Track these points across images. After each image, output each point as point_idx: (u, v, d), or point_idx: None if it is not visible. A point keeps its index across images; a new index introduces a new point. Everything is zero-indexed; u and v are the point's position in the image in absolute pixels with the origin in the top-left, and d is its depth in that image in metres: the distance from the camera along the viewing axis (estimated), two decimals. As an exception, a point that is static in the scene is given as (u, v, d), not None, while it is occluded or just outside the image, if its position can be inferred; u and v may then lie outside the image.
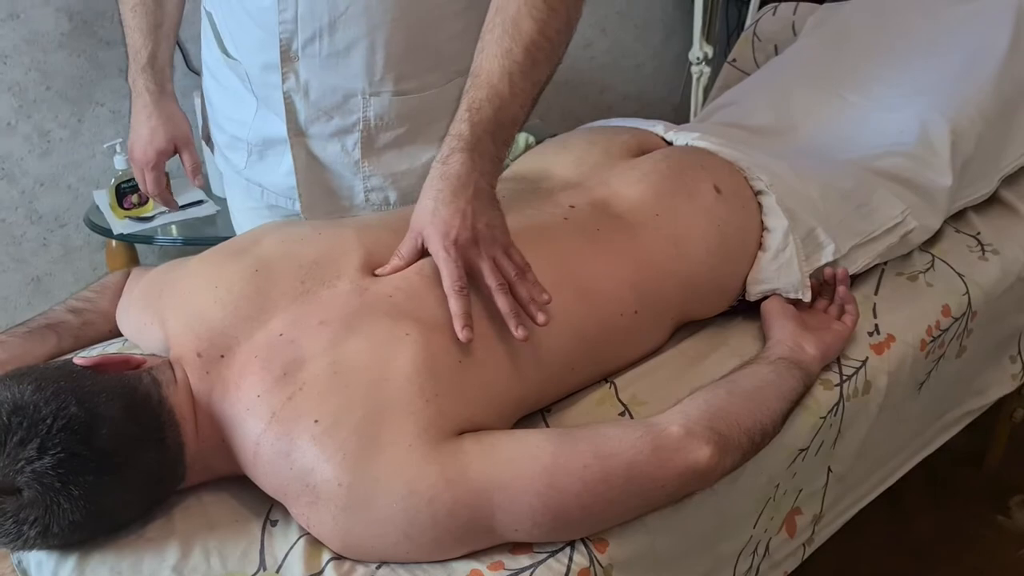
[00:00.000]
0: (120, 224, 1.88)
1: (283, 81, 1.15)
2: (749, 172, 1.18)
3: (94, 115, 1.98)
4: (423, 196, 0.92)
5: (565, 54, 0.98)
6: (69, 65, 1.91)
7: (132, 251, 1.98)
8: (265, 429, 0.82)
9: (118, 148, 1.86)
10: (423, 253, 0.93)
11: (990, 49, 1.47)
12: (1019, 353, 1.44)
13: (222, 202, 1.98)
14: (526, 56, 0.92)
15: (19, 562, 0.86)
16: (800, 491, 1.09)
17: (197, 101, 1.96)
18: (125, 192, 1.87)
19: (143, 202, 1.90)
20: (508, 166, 1.30)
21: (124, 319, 1.09)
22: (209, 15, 1.26)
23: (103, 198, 1.95)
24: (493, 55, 0.92)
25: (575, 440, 0.84)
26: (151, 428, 0.83)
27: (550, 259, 1.00)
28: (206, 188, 2.03)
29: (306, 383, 0.83)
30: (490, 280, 0.89)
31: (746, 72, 1.83)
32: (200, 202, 1.98)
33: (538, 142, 2.22)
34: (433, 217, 0.90)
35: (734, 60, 1.89)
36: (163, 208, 1.93)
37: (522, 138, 2.13)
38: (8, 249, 1.97)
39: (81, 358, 0.86)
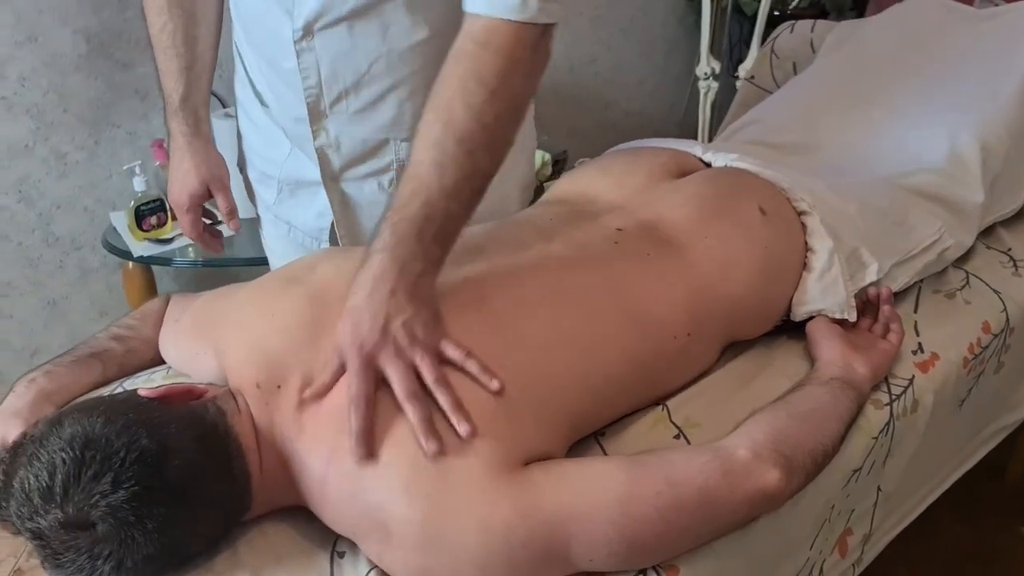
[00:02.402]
0: (139, 246, 1.86)
1: (314, 137, 1.15)
2: (791, 193, 1.19)
3: (110, 137, 1.97)
4: (347, 303, 0.86)
5: (520, 124, 0.89)
6: (86, 87, 1.90)
7: (149, 273, 1.96)
8: (329, 462, 0.82)
9: (137, 170, 1.85)
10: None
11: (1013, 66, 1.49)
12: (1051, 367, 1.45)
13: (242, 223, 1.98)
14: (458, 147, 0.83)
15: (86, 599, 0.84)
16: (852, 511, 1.09)
17: (215, 123, 1.95)
18: (144, 214, 1.86)
19: (162, 224, 1.89)
20: (542, 187, 1.30)
21: (171, 348, 1.08)
22: (242, 59, 1.24)
23: (121, 220, 1.93)
24: (424, 145, 0.85)
25: (645, 467, 0.84)
26: (220, 458, 0.82)
27: (604, 284, 1.00)
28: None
29: (370, 413, 0.83)
30: (397, 389, 0.82)
31: (765, 89, 1.84)
32: (218, 223, 1.96)
33: (554, 159, 2.23)
34: (344, 325, 0.84)
35: (752, 77, 1.90)
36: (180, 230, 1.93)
37: (539, 156, 2.13)
38: (25, 272, 1.95)
39: (146, 389, 0.85)
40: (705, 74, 2.66)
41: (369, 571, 0.83)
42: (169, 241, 1.89)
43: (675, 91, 3.00)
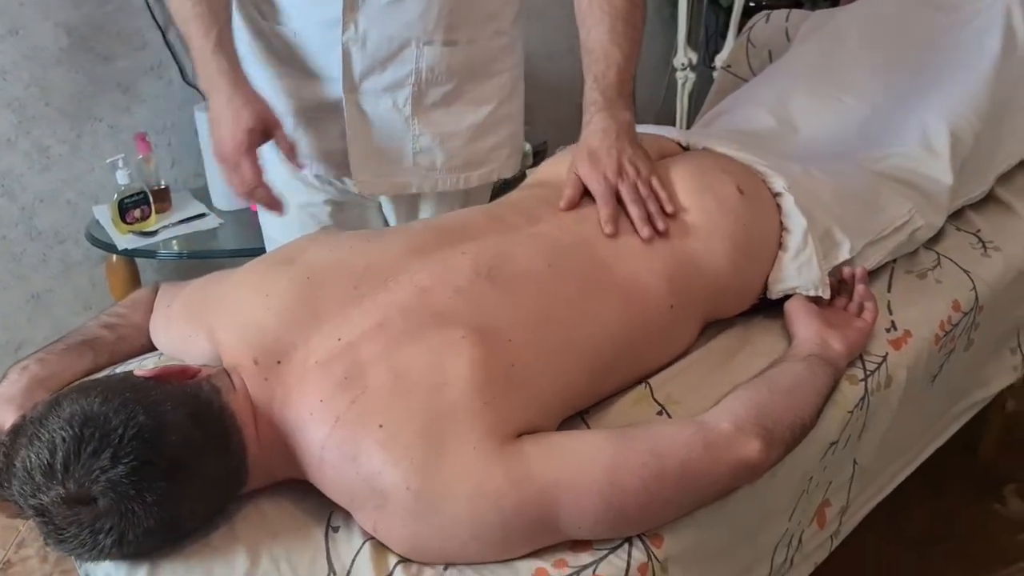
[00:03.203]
0: (123, 239, 1.87)
1: (343, 31, 1.18)
2: (767, 174, 1.22)
3: (92, 130, 1.98)
4: (579, 150, 1.14)
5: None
6: (67, 81, 1.91)
7: (133, 266, 1.97)
8: (330, 433, 0.84)
9: (120, 163, 1.86)
10: (583, 191, 1.12)
11: (982, 53, 1.53)
12: (1019, 345, 1.50)
13: (226, 215, 2.00)
14: (626, 25, 1.15)
15: (86, 574, 0.86)
16: (830, 483, 1.12)
17: (199, 115, 1.97)
18: (127, 207, 1.87)
19: (145, 217, 1.90)
20: (523, 174, 1.34)
21: (162, 333, 1.09)
22: None
23: (104, 213, 1.94)
24: (600, 33, 1.15)
25: (631, 439, 0.87)
26: (215, 433, 0.84)
27: (590, 260, 1.04)
28: (207, 202, 2.04)
29: (368, 387, 0.85)
30: (626, 197, 1.09)
31: (742, 78, 1.88)
32: (202, 215, 1.98)
33: (534, 149, 2.26)
34: (590, 160, 1.11)
35: (729, 66, 1.94)
36: (166, 222, 1.94)
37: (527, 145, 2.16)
38: (8, 266, 1.96)
39: (141, 369, 0.87)
40: (682, 65, 2.69)
41: (363, 543, 0.86)
42: (153, 234, 1.90)
43: (653, 82, 3.04)
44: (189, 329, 1.02)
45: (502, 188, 1.50)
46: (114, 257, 1.95)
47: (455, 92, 1.26)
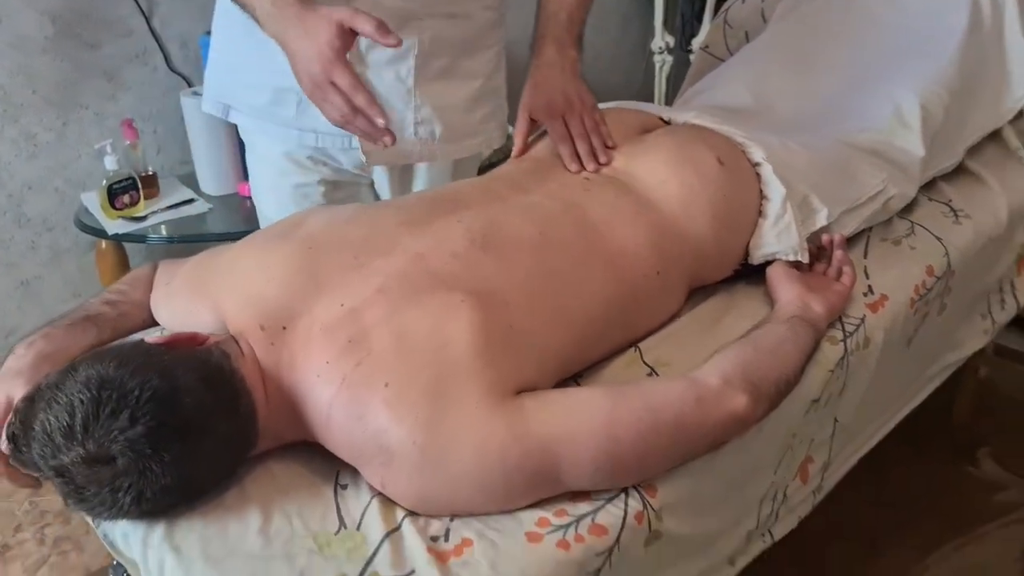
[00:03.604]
0: (113, 224, 1.89)
1: (350, 3, 1.16)
2: (746, 145, 1.27)
3: (78, 118, 1.99)
4: (528, 82, 1.25)
5: None
6: (53, 69, 1.92)
7: (122, 252, 1.99)
8: (336, 393, 0.87)
9: (108, 149, 1.87)
10: (532, 127, 1.26)
11: (951, 29, 1.59)
12: (989, 311, 1.56)
13: (213, 200, 2.02)
14: None
15: (104, 535, 0.89)
16: (812, 440, 1.17)
17: (185, 100, 1.98)
18: (116, 192, 1.88)
19: (134, 202, 1.92)
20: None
21: (164, 309, 1.12)
22: None
23: (92, 200, 1.95)
24: None
25: (626, 395, 0.91)
26: (226, 396, 0.87)
27: (579, 228, 1.08)
28: (195, 188, 2.06)
29: (372, 349, 0.89)
30: (574, 130, 1.21)
31: (719, 58, 1.92)
32: (191, 200, 2.00)
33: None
34: (533, 97, 1.23)
35: (707, 47, 1.98)
36: (155, 207, 1.96)
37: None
38: (-3, 254, 1.97)
39: (152, 337, 0.90)
40: (660, 48, 2.74)
41: (371, 499, 0.89)
42: (142, 219, 1.92)
43: (630, 66, 3.08)
44: (193, 302, 1.04)
45: (488, 166, 1.54)
46: (103, 243, 1.96)
47: (452, 65, 1.29)
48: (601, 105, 1.43)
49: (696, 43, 2.64)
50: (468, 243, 1.01)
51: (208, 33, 1.99)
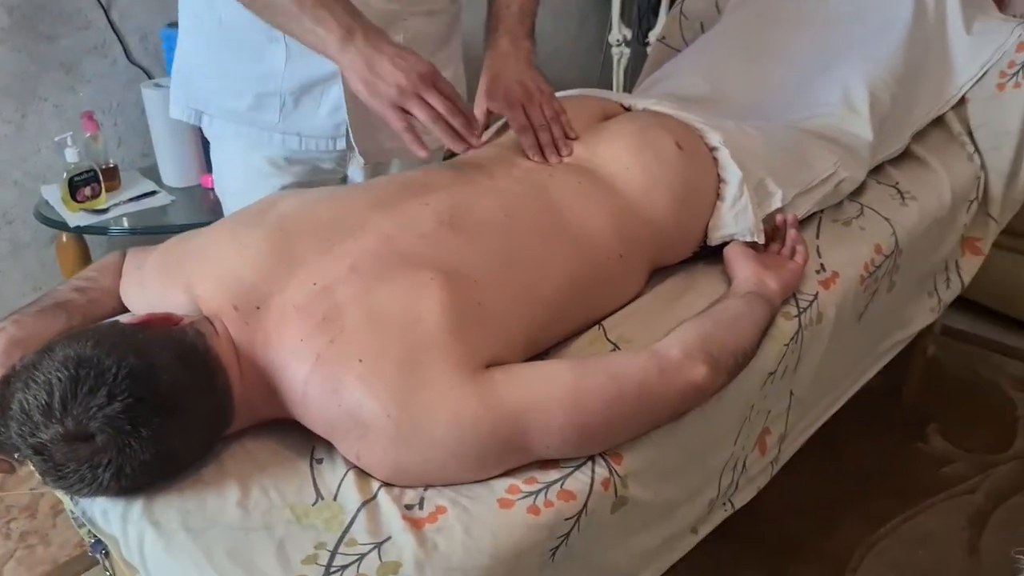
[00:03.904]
0: (75, 217, 1.88)
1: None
2: (703, 131, 1.31)
3: (37, 110, 1.97)
4: (485, 73, 1.26)
5: None
6: (10, 61, 1.90)
7: (83, 244, 1.98)
8: (312, 370, 0.90)
9: (69, 141, 1.87)
10: (488, 115, 1.27)
11: (896, 21, 1.65)
12: (935, 289, 1.63)
13: (176, 191, 2.02)
14: None
15: (82, 512, 0.90)
16: (769, 412, 1.22)
17: (147, 92, 1.98)
18: (78, 185, 1.88)
19: (96, 195, 1.91)
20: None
21: (136, 293, 1.13)
22: None
23: (53, 192, 1.94)
24: None
25: (591, 366, 0.95)
26: (201, 374, 0.89)
27: (545, 211, 1.11)
28: (157, 180, 2.05)
29: (345, 327, 0.91)
30: (535, 121, 1.23)
31: (676, 49, 1.97)
32: (153, 192, 2.00)
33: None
34: (491, 86, 1.24)
35: (663, 38, 2.03)
36: (116, 200, 1.95)
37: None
38: (-44, 248, 1.95)
39: (128, 317, 0.92)
40: (617, 41, 2.78)
41: (347, 472, 0.92)
42: (104, 211, 1.91)
43: (588, 59, 3.12)
44: (165, 286, 1.05)
45: (451, 155, 1.57)
46: (64, 236, 1.95)
47: (430, 59, 1.31)
48: (562, 93, 1.47)
49: (653, 35, 2.69)
50: (436, 224, 1.04)
51: (170, 25, 2.01)
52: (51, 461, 0.83)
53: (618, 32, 2.78)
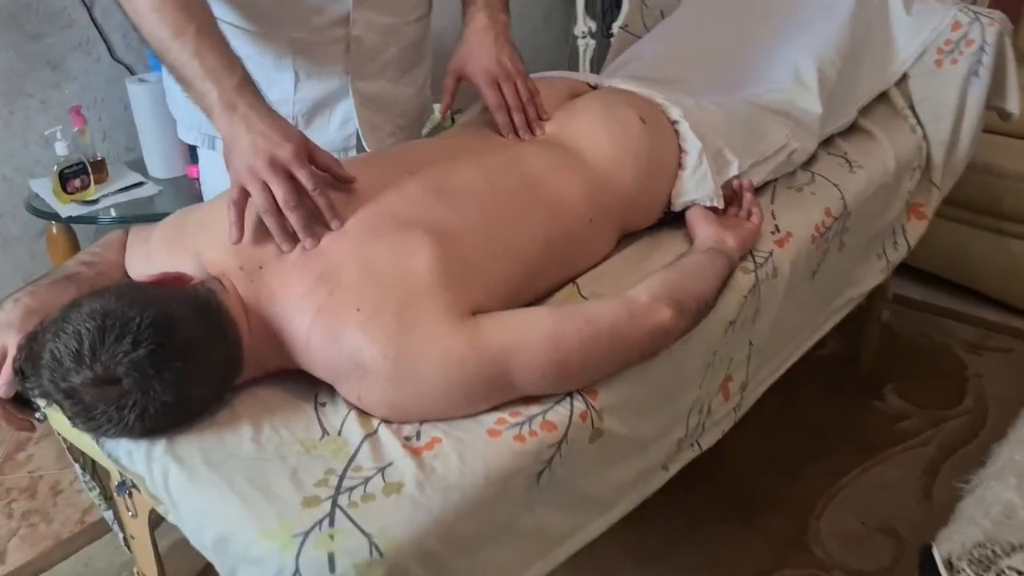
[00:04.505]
0: (66, 208, 1.95)
1: (353, 28, 1.34)
2: (665, 106, 1.42)
3: (24, 107, 2.04)
4: (462, 47, 1.33)
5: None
6: (-2, 59, 1.97)
7: (72, 235, 2.04)
8: (313, 320, 0.99)
9: (58, 135, 1.94)
10: (457, 86, 1.35)
11: (841, 3, 1.76)
12: (883, 251, 1.74)
13: (163, 183, 2.10)
14: None
15: (109, 454, 0.99)
16: (731, 360, 1.33)
17: (132, 88, 2.05)
18: (68, 177, 1.94)
19: (85, 186, 1.98)
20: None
21: (142, 265, 1.19)
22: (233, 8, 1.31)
23: (42, 186, 2.01)
24: None
25: (568, 311, 1.05)
26: (215, 325, 0.98)
27: (521, 180, 1.21)
28: (143, 172, 2.13)
29: (342, 280, 1.00)
30: (509, 97, 1.31)
31: (638, 36, 2.08)
32: (140, 184, 2.07)
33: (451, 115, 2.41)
34: (472, 59, 1.32)
35: (626, 26, 2.13)
36: (105, 191, 2.02)
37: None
38: (-52, 242, 2.01)
39: (144, 276, 1.00)
40: (583, 33, 2.89)
41: (348, 412, 1.01)
42: (94, 202, 1.98)
43: (555, 51, 3.23)
44: (173, 255, 1.13)
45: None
46: (54, 228, 2.02)
47: (418, 58, 1.42)
48: (532, 75, 1.57)
49: (616, 26, 2.80)
50: (422, 190, 1.13)
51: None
52: (81, 404, 0.91)
53: (583, 24, 2.88)
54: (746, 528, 1.79)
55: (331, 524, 0.86)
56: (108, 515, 1.32)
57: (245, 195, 1.06)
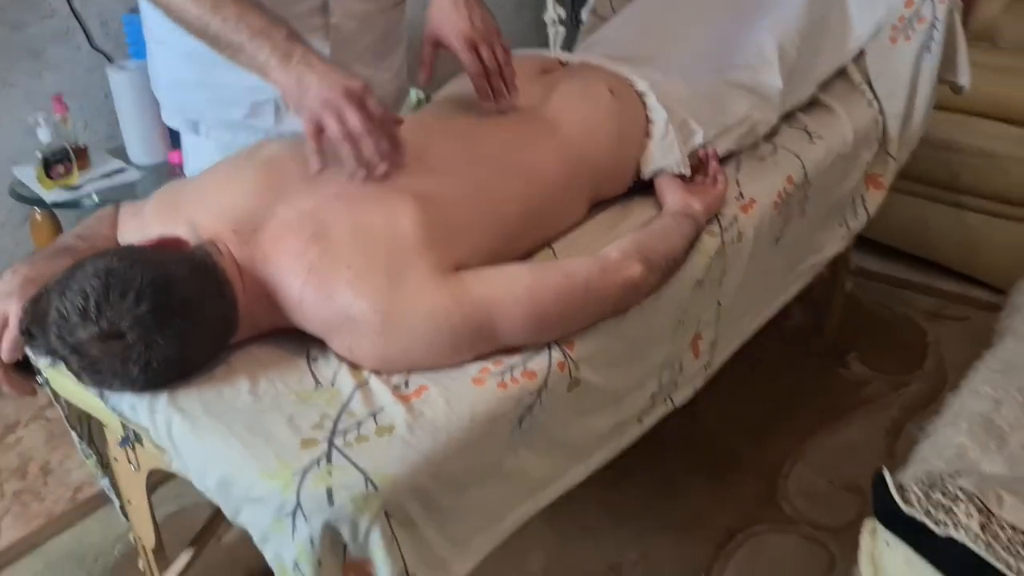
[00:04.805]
0: (51, 194, 1.98)
1: (331, 16, 1.39)
2: (633, 80, 1.49)
3: (6, 96, 2.07)
4: (434, 12, 1.34)
5: None
6: (-21, 48, 2.00)
7: (56, 221, 2.08)
8: (306, 279, 1.05)
9: (41, 121, 1.97)
10: (435, 55, 1.36)
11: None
12: (844, 219, 1.83)
13: (144, 168, 2.14)
14: None
15: (114, 408, 1.04)
16: (700, 319, 1.40)
17: (113, 76, 2.09)
18: (52, 163, 1.98)
19: (68, 172, 2.02)
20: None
21: (136, 237, 1.25)
22: None
23: (26, 172, 2.04)
24: None
25: (546, 267, 1.13)
26: (212, 285, 1.03)
27: (500, 150, 1.28)
28: (124, 159, 2.17)
29: (333, 241, 1.06)
30: (486, 57, 1.33)
31: (606, 19, 2.15)
32: (122, 170, 2.11)
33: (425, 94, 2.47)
34: (447, 23, 1.33)
35: (595, 10, 2.20)
36: (87, 177, 2.06)
37: (413, 93, 2.37)
38: (-69, 229, 2.03)
39: (141, 240, 1.06)
40: (553, 20, 2.96)
41: (339, 366, 1.07)
42: (78, 188, 2.02)
43: (525, 38, 3.29)
44: (167, 226, 1.17)
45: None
46: (38, 215, 2.05)
47: (396, 46, 1.47)
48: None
49: (585, 13, 2.87)
50: (407, 159, 1.19)
51: (131, 11, 2.12)
52: (87, 358, 0.96)
53: (552, 11, 2.95)
54: (718, 487, 1.87)
55: (328, 462, 0.92)
56: (105, 483, 1.37)
57: (319, 130, 1.12)
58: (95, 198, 2.02)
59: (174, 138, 2.16)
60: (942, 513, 0.96)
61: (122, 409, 1.03)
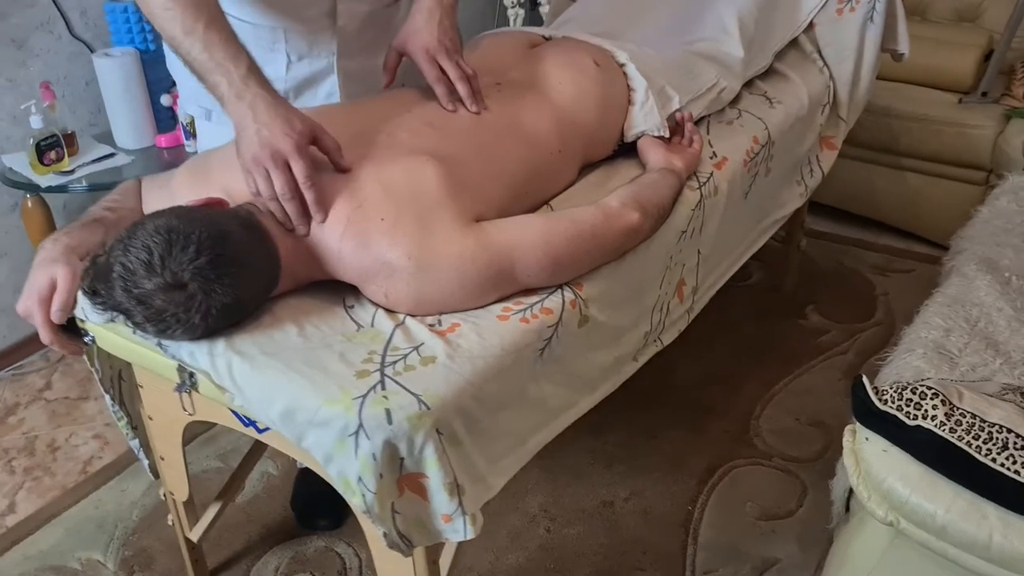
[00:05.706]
0: (44, 179, 2.04)
1: (339, 19, 1.47)
2: (613, 52, 1.62)
3: (-8, 85, 2.11)
4: (407, 25, 1.38)
5: None
6: (-36, 38, 2.04)
7: (47, 207, 2.13)
8: (344, 231, 1.15)
9: (32, 109, 2.02)
10: (399, 62, 1.43)
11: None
12: (802, 178, 1.99)
13: (133, 152, 2.20)
14: None
15: (174, 356, 1.13)
16: (683, 266, 1.54)
17: (99, 62, 2.15)
18: (44, 149, 2.03)
19: (60, 158, 2.07)
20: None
21: (168, 205, 1.34)
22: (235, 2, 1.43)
23: (15, 160, 2.09)
24: None
25: (556, 216, 1.25)
26: (259, 238, 1.13)
27: (500, 117, 1.39)
28: (111, 143, 2.22)
29: (366, 196, 1.17)
30: (450, 72, 1.36)
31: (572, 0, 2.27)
32: (111, 154, 2.17)
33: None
34: (415, 37, 1.38)
35: (558, -10, 2.33)
36: (78, 162, 2.11)
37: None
38: (-75, 218, 2.07)
39: (190, 200, 1.15)
40: (512, 3, 3.08)
41: (375, 311, 1.18)
42: (71, 172, 2.07)
43: (485, 19, 3.40)
44: (199, 192, 1.25)
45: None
46: (29, 202, 2.10)
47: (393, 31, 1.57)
48: (492, 32, 1.75)
49: (543, -3, 3.00)
50: (421, 124, 1.30)
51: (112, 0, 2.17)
52: (152, 308, 1.06)
53: (512, -5, 3.07)
54: (696, 432, 2.03)
55: (383, 388, 1.03)
56: (134, 444, 1.46)
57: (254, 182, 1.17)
58: (85, 183, 2.08)
59: (161, 123, 2.23)
60: (912, 408, 1.11)
61: (181, 356, 1.13)
